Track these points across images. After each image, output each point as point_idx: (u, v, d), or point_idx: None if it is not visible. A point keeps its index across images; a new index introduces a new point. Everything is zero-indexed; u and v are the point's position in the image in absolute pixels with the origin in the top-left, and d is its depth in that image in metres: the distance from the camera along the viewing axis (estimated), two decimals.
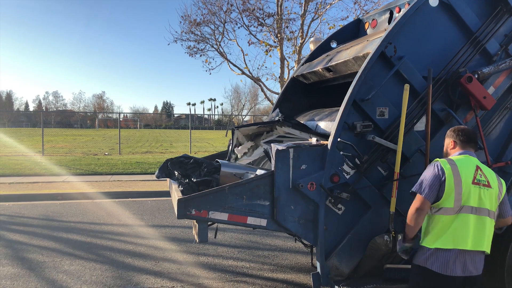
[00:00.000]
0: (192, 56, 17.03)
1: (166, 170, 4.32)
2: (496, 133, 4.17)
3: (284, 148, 3.56)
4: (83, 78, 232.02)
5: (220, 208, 3.50)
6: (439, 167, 2.91)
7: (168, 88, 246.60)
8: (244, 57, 17.01)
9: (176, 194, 3.87)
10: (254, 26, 15.73)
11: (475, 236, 2.86)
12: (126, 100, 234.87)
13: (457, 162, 2.94)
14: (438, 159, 3.00)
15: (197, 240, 3.64)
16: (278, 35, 15.36)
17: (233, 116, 64.58)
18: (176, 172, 4.27)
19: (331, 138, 3.61)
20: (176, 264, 5.67)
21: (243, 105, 60.90)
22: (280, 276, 5.31)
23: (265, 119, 7.24)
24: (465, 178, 2.87)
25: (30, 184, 11.37)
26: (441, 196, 2.87)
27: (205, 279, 5.16)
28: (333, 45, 5.62)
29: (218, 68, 17.53)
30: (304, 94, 5.81)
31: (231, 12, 15.71)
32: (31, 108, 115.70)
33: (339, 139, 3.64)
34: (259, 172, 3.91)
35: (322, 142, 3.75)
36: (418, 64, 3.87)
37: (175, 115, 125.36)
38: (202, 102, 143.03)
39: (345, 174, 3.66)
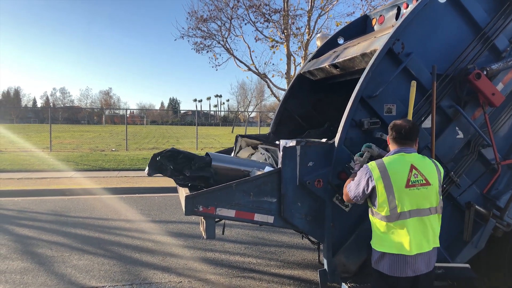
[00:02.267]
0: (198, 52, 17.07)
1: (156, 165, 4.25)
2: (504, 130, 4.14)
3: (291, 145, 3.57)
4: (90, 75, 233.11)
5: (227, 205, 3.52)
6: (368, 173, 2.85)
7: (174, 84, 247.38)
8: (250, 54, 16.86)
9: (183, 190, 3.89)
10: (260, 22, 15.71)
11: (418, 239, 2.78)
12: (132, 96, 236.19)
13: (388, 165, 2.82)
14: (371, 162, 2.92)
15: (205, 236, 3.67)
16: (285, 31, 15.33)
17: (239, 112, 64.61)
18: (168, 167, 4.21)
19: (338, 135, 3.61)
20: (183, 260, 5.70)
21: (249, 102, 60.80)
22: (287, 272, 5.33)
23: (271, 115, 7.21)
24: (397, 183, 2.76)
25: (39, 180, 11.47)
26: (375, 202, 2.84)
27: (212, 275, 5.19)
28: (340, 41, 5.60)
29: (224, 65, 17.60)
30: (311, 90, 5.80)
31: (238, 8, 15.70)
32: (38, 105, 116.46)
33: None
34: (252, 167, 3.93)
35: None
36: (426, 60, 3.85)
37: (182, 112, 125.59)
38: (209, 98, 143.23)
39: (352, 171, 3.65)
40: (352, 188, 3.00)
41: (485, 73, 3.82)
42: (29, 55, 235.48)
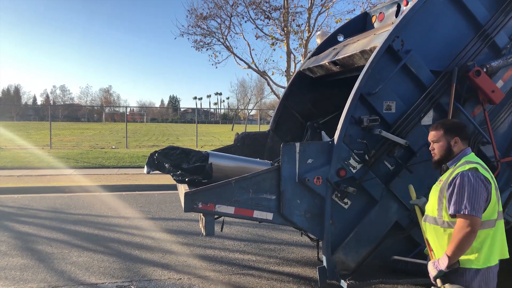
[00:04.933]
0: (198, 50, 17.06)
1: (154, 163, 4.29)
2: (504, 128, 4.14)
3: (290, 142, 3.57)
4: (90, 72, 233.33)
5: (226, 202, 3.52)
6: (481, 177, 2.52)
7: (174, 82, 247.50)
8: (250, 51, 17.05)
9: (183, 187, 3.90)
10: (260, 20, 15.70)
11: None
12: (132, 94, 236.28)
13: (479, 167, 2.58)
14: (468, 165, 2.57)
15: (204, 233, 3.67)
16: (285, 28, 15.30)
17: (239, 110, 64.57)
18: (166, 165, 4.24)
19: (337, 132, 3.61)
20: (183, 257, 5.71)
21: (249, 99, 60.70)
22: (286, 269, 5.33)
23: (271, 113, 7.22)
24: (496, 184, 2.62)
25: (39, 177, 11.47)
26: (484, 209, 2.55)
27: (212, 272, 5.20)
28: (340, 38, 5.59)
29: (224, 62, 17.58)
30: (311, 88, 5.80)
31: (238, 6, 15.69)
32: (38, 102, 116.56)
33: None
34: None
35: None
36: (425, 57, 3.84)
37: (182, 109, 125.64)
38: (209, 96, 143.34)
39: (352, 169, 3.66)
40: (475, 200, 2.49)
41: (485, 70, 3.81)
42: (29, 53, 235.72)
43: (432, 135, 2.82)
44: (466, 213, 2.43)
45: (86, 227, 7.02)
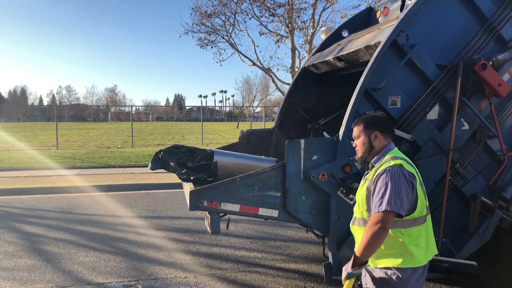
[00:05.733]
0: (203, 48, 17.09)
1: (159, 162, 4.29)
2: (511, 121, 4.09)
3: (295, 139, 3.55)
4: (95, 72, 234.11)
5: (231, 199, 3.51)
6: (404, 171, 2.35)
7: (179, 80, 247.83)
8: (255, 48, 16.93)
9: (188, 186, 3.90)
10: (265, 17, 15.69)
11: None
12: (138, 93, 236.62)
13: (402, 162, 2.41)
14: (393, 161, 2.41)
15: (209, 231, 3.67)
16: (289, 25, 15.28)
17: (244, 107, 64.57)
18: (171, 163, 4.25)
19: (342, 128, 3.59)
20: (189, 255, 5.71)
21: (254, 97, 60.67)
22: (292, 266, 5.32)
23: (276, 110, 7.21)
24: (420, 178, 2.48)
25: (45, 178, 11.54)
26: (414, 206, 2.39)
27: (218, 270, 5.20)
28: (345, 34, 5.56)
29: (229, 60, 17.82)
30: (315, 84, 5.78)
31: (242, 3, 15.70)
32: (45, 103, 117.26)
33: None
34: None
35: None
36: (431, 52, 3.81)
37: (187, 108, 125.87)
38: (214, 94, 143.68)
39: (357, 164, 3.63)
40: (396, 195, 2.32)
41: (491, 63, 3.77)
42: (35, 54, 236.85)
43: (353, 131, 2.69)
44: (385, 209, 2.25)
45: (92, 227, 7.05)
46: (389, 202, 2.26)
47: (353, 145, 2.72)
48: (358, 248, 2.35)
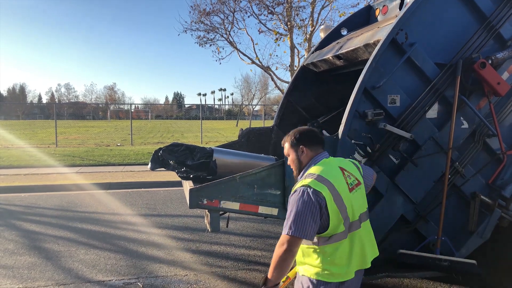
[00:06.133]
0: (202, 46, 17.09)
1: (158, 160, 4.29)
2: (510, 120, 4.10)
3: None
4: (95, 70, 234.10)
5: (231, 198, 3.52)
6: (310, 191, 2.25)
7: (178, 78, 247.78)
8: (254, 46, 16.87)
9: (187, 184, 3.90)
10: (264, 15, 15.66)
11: (367, 250, 2.46)
12: (137, 91, 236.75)
13: (326, 176, 2.33)
14: (305, 180, 2.33)
15: (209, 229, 3.68)
16: (288, 23, 15.26)
17: (244, 106, 64.51)
18: (170, 161, 4.25)
19: (342, 127, 3.59)
20: (189, 253, 5.72)
21: (253, 95, 60.58)
22: None
23: (275, 108, 7.21)
24: (343, 190, 2.33)
25: (45, 175, 11.53)
26: (326, 224, 2.28)
27: (218, 268, 5.21)
28: (344, 32, 5.56)
29: (228, 58, 17.82)
30: (315, 82, 5.78)
31: (241, 1, 15.68)
32: (44, 101, 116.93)
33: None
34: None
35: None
36: (430, 50, 3.81)
37: (186, 106, 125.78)
38: (213, 92, 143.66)
39: None
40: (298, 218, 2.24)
41: (490, 62, 3.78)
42: (34, 52, 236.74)
43: (284, 151, 2.65)
44: (288, 233, 2.22)
45: (92, 225, 7.06)
46: (291, 226, 2.22)
47: (288, 163, 2.68)
48: (270, 270, 2.30)
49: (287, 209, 2.23)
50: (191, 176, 4.08)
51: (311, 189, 2.24)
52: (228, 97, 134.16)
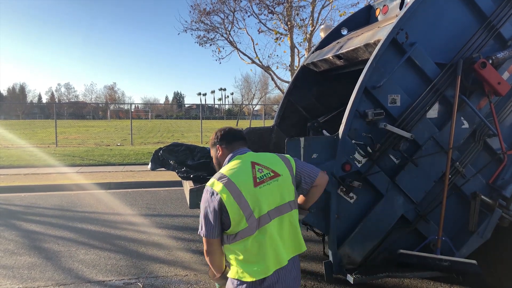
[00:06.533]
0: (202, 46, 17.10)
1: (159, 160, 4.29)
2: (510, 120, 4.09)
3: (295, 137, 3.55)
4: (95, 70, 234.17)
5: None
6: (209, 191, 2.32)
7: (178, 78, 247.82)
8: (254, 46, 16.87)
9: (188, 184, 3.90)
10: (264, 15, 15.65)
11: (288, 242, 2.40)
12: (137, 91, 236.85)
13: (226, 172, 2.36)
14: (210, 180, 2.41)
15: None
16: (288, 23, 15.25)
17: (244, 105, 64.49)
18: (170, 161, 4.24)
19: (342, 126, 3.59)
20: (189, 253, 5.72)
21: (254, 95, 60.56)
22: None
23: (275, 108, 7.20)
24: (245, 187, 2.31)
25: (45, 175, 11.53)
26: (228, 222, 2.29)
27: None
28: (344, 32, 5.55)
29: (228, 58, 17.87)
30: (315, 82, 5.77)
31: (241, 1, 15.67)
32: (44, 100, 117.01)
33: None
34: None
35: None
36: (430, 50, 3.81)
37: (186, 105, 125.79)
38: (213, 92, 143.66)
39: (357, 163, 3.64)
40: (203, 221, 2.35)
41: (490, 62, 3.77)
42: (34, 51, 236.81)
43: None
44: (200, 233, 2.36)
45: (92, 225, 7.06)
46: (202, 227, 2.34)
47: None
48: None
49: None
50: (191, 176, 4.08)
51: (211, 189, 2.31)
52: (228, 96, 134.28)
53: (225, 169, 2.41)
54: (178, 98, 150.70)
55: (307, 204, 2.75)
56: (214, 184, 2.32)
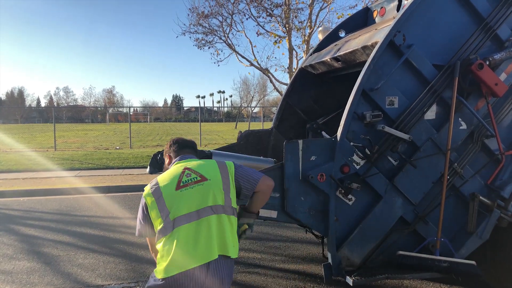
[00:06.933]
0: (200, 49, 17.13)
1: (157, 164, 4.29)
2: (508, 120, 4.11)
3: (293, 139, 3.56)
4: (93, 73, 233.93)
5: None
6: (142, 196, 2.59)
7: (177, 81, 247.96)
8: (252, 49, 17.12)
9: None
10: (262, 17, 15.69)
11: (196, 248, 2.40)
12: (135, 94, 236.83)
13: (159, 178, 2.60)
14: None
15: None
16: (287, 25, 15.29)
17: (242, 108, 64.55)
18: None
19: (340, 129, 3.59)
20: None
21: (252, 97, 60.62)
22: (292, 267, 5.33)
23: (274, 110, 7.21)
24: (167, 190, 2.50)
25: (44, 179, 11.52)
26: (152, 223, 2.55)
27: None
28: (342, 34, 5.57)
29: (226, 60, 17.70)
30: (313, 84, 5.78)
31: (239, 3, 15.70)
32: (42, 104, 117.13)
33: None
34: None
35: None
36: (427, 52, 3.82)
37: (185, 108, 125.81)
38: (212, 94, 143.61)
39: (355, 165, 3.65)
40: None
41: (487, 63, 3.78)
42: (32, 55, 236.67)
43: None
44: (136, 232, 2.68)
45: (91, 229, 7.05)
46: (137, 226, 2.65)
47: None
48: None
49: (287, 211, 2.32)
50: None
51: (142, 193, 2.61)
52: (227, 99, 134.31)
53: (161, 175, 2.65)
54: (177, 101, 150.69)
55: (252, 207, 2.86)
56: (145, 189, 2.59)
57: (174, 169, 2.66)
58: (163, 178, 2.60)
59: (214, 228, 2.45)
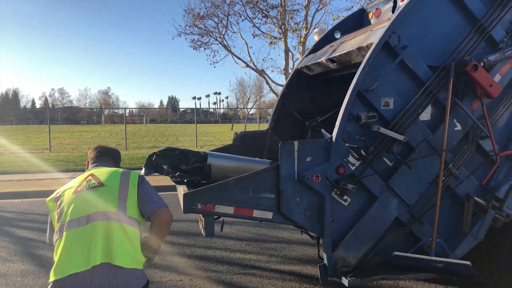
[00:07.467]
0: (196, 50, 17.11)
1: (152, 165, 4.26)
2: (502, 121, 4.13)
3: (289, 140, 3.56)
4: (89, 75, 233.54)
5: (226, 202, 3.51)
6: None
7: (173, 82, 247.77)
8: (248, 50, 16.96)
9: (182, 188, 3.89)
10: (258, 18, 15.69)
11: (81, 253, 2.34)
12: (131, 95, 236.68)
13: (67, 185, 2.66)
14: None
15: (204, 234, 3.66)
16: (282, 26, 15.30)
17: (239, 109, 64.60)
18: (164, 166, 4.22)
19: (336, 130, 3.60)
20: (184, 258, 5.70)
21: (248, 98, 60.68)
22: (288, 268, 5.33)
23: (270, 112, 7.22)
24: (66, 194, 2.54)
25: (38, 181, 11.46)
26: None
27: (213, 272, 5.19)
28: (337, 35, 5.58)
29: (222, 61, 17.89)
30: (309, 85, 5.79)
31: (235, 5, 15.69)
32: (37, 105, 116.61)
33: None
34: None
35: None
36: (422, 53, 3.83)
37: (181, 110, 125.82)
38: (208, 96, 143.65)
39: (351, 166, 3.65)
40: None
41: (482, 64, 3.79)
42: (27, 56, 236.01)
43: None
44: None
45: None
46: None
47: None
48: None
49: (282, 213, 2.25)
50: (185, 180, 4.06)
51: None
52: (223, 100, 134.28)
53: (74, 179, 2.70)
54: (173, 102, 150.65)
55: (150, 240, 2.67)
56: (53, 195, 2.63)
57: (83, 174, 2.73)
58: (69, 183, 2.66)
59: (99, 234, 2.37)
